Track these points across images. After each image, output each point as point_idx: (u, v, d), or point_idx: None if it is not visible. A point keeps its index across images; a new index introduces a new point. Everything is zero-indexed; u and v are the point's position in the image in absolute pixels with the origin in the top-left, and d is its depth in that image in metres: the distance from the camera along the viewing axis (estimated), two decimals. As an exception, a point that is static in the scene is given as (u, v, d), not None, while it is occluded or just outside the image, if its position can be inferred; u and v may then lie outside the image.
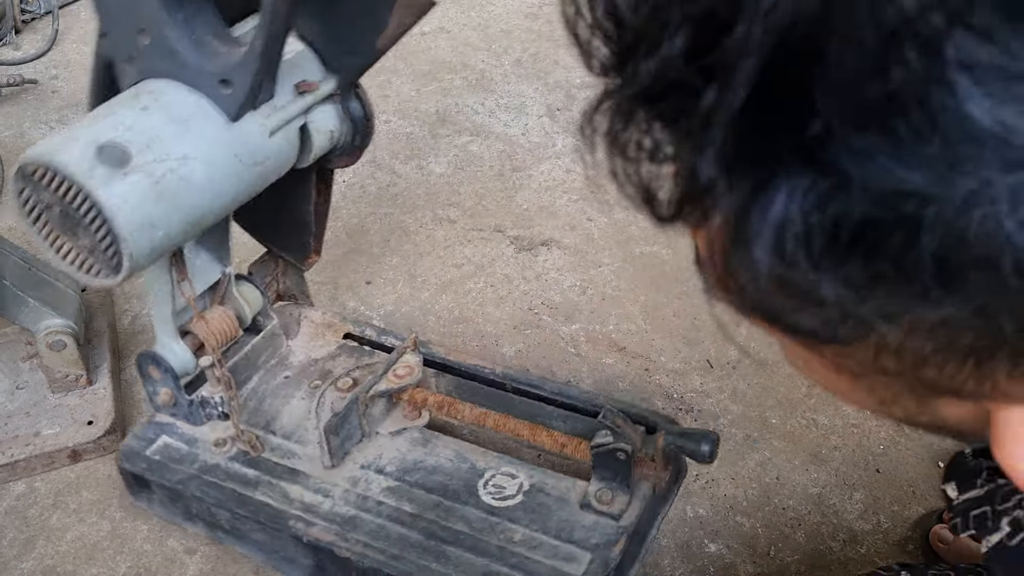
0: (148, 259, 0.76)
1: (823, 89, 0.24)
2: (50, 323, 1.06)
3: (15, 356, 1.17)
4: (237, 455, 0.97)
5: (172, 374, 0.94)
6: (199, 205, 0.77)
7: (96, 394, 1.12)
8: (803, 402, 1.14)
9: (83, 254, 0.74)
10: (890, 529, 1.01)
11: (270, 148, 0.82)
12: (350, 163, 0.95)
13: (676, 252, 1.34)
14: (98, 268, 0.75)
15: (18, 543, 1.02)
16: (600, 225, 1.41)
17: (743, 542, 1.00)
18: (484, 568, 0.85)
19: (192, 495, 0.94)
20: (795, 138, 0.25)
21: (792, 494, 1.04)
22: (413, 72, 1.72)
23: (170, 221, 0.75)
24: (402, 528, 0.89)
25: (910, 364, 0.28)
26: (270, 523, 0.91)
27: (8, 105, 1.67)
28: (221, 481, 0.94)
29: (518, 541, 0.87)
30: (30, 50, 1.81)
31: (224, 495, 0.93)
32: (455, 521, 0.89)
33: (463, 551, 0.86)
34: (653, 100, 0.28)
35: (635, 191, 0.31)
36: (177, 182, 0.74)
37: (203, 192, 0.77)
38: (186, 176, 0.75)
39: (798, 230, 0.25)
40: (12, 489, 1.07)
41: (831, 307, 0.27)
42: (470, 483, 0.93)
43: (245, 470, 0.95)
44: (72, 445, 1.08)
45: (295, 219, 1.03)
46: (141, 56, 0.78)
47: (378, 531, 0.89)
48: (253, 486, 0.94)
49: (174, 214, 0.75)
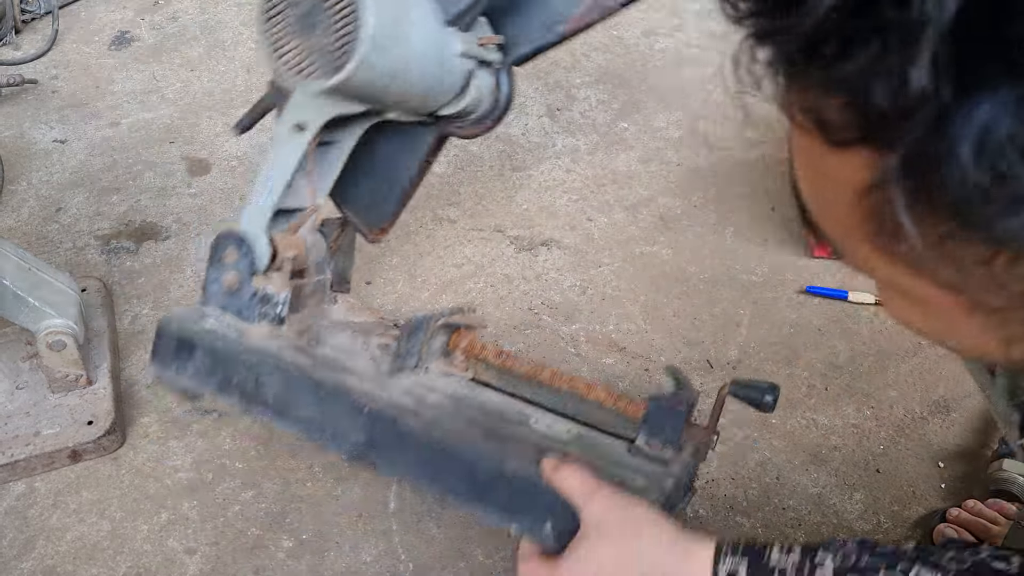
0: (365, 76, 0.78)
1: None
2: (50, 323, 1.06)
3: (15, 356, 1.17)
4: (290, 345, 0.94)
5: (250, 260, 0.91)
6: (411, 65, 0.83)
7: (96, 394, 1.12)
8: (803, 402, 1.13)
9: (305, 55, 0.79)
10: (890, 529, 1.01)
11: (455, 67, 0.88)
12: (473, 135, 0.98)
13: (676, 252, 1.34)
14: (315, 69, 0.79)
15: (18, 543, 1.02)
16: (600, 225, 1.41)
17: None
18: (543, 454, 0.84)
19: (241, 361, 0.90)
20: (999, 48, 0.27)
21: (792, 494, 1.04)
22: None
23: (394, 55, 0.79)
24: (461, 424, 0.88)
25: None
26: (329, 395, 0.87)
27: (8, 105, 1.68)
28: (275, 356, 0.91)
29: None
30: (30, 50, 1.81)
31: (279, 366, 0.90)
32: (512, 429, 0.89)
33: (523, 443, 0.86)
34: (829, 31, 0.30)
35: (807, 118, 0.33)
36: (407, 28, 0.80)
37: (416, 57, 0.82)
38: (409, 33, 0.80)
39: (1007, 132, 0.27)
40: (12, 489, 1.07)
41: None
42: (522, 417, 0.91)
43: (300, 357, 0.92)
44: (72, 445, 1.08)
45: (390, 180, 1.02)
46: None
47: (439, 417, 0.88)
48: (309, 368, 0.90)
49: (398, 50, 0.80)
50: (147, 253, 1.38)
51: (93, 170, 1.53)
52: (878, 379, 1.16)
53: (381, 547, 1.01)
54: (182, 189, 1.49)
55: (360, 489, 1.06)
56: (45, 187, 1.50)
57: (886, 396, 1.14)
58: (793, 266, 1.31)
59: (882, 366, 1.17)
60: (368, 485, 1.07)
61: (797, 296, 1.27)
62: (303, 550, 1.01)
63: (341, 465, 1.09)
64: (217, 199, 1.46)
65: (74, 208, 1.46)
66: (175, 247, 1.38)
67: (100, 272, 1.34)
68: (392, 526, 1.03)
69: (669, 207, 1.40)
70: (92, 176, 1.52)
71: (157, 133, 1.60)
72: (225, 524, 1.04)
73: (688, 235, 1.36)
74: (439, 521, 1.03)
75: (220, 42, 1.83)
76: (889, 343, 1.20)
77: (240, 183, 1.49)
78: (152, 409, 1.16)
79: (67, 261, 1.37)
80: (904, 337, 1.20)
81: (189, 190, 1.48)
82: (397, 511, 1.04)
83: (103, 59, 1.79)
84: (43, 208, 1.46)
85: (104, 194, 1.48)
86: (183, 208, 1.45)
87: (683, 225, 1.38)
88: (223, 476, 1.09)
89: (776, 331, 1.23)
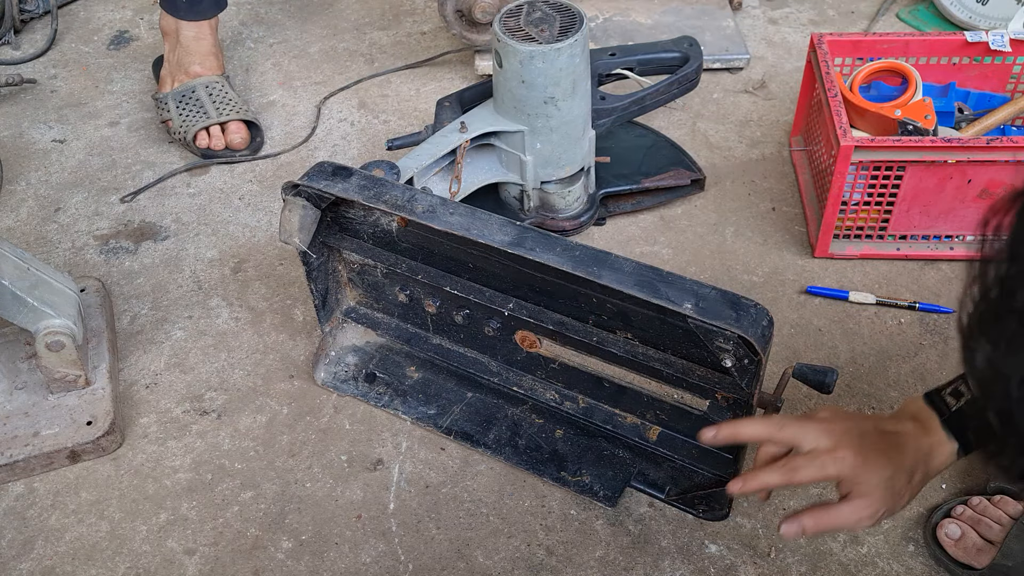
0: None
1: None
2: (49, 323, 1.06)
3: (14, 356, 1.16)
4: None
5: (397, 174, 1.14)
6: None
7: (95, 394, 1.12)
8: (803, 402, 1.13)
9: (543, 30, 1.17)
10: (891, 529, 1.01)
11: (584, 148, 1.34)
12: (563, 230, 1.39)
13: (676, 252, 1.33)
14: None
15: (17, 544, 1.02)
16: (600, 224, 1.40)
17: (743, 543, 1.00)
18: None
19: (397, 186, 1.01)
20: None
21: (792, 494, 1.04)
22: (413, 72, 1.72)
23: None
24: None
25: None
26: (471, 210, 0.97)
27: (7, 105, 1.67)
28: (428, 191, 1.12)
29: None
30: (29, 50, 1.81)
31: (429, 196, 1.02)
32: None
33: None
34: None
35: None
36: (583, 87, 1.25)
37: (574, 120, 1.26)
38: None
39: None
40: (11, 489, 1.07)
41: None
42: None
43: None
44: (71, 445, 1.08)
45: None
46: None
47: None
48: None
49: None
50: (146, 253, 1.37)
51: (92, 170, 1.53)
52: (878, 379, 1.15)
53: (381, 547, 1.01)
54: (181, 189, 1.48)
55: (360, 489, 1.06)
56: (44, 187, 1.50)
57: (887, 396, 1.14)
58: (793, 266, 1.30)
59: (882, 366, 1.17)
60: (368, 485, 1.07)
61: (797, 296, 1.26)
62: (302, 551, 1.01)
63: (341, 465, 1.09)
64: (216, 199, 1.46)
65: (73, 208, 1.46)
66: (174, 247, 1.38)
67: (99, 272, 1.34)
68: (392, 526, 1.03)
69: (669, 207, 1.40)
70: (91, 176, 1.52)
71: (156, 133, 1.60)
72: (224, 524, 1.04)
73: (688, 235, 1.36)
74: (439, 521, 1.03)
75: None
76: (889, 343, 1.20)
77: (239, 182, 1.49)
78: (151, 409, 1.15)
79: (66, 261, 1.36)
80: (904, 337, 1.20)
81: (188, 190, 1.48)
82: (397, 511, 1.04)
83: (102, 58, 1.79)
84: (42, 208, 1.46)
85: (103, 194, 1.48)
86: (182, 208, 1.45)
87: (683, 225, 1.37)
88: (222, 476, 1.08)
89: (776, 331, 1.22)
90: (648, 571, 0.98)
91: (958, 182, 1.21)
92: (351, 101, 1.65)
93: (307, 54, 1.77)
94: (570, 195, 1.32)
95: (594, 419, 1.08)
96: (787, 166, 1.47)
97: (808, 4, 1.84)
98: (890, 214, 1.26)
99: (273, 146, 1.56)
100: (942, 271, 1.29)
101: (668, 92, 1.33)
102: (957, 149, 1.17)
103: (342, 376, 1.17)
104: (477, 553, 1.00)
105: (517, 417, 1.11)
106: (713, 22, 1.73)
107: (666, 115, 1.56)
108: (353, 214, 1.06)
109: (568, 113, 1.21)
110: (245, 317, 1.27)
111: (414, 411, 1.12)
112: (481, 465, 1.08)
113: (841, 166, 1.19)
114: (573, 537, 1.01)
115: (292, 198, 1.03)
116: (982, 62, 1.36)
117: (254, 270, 1.34)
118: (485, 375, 1.13)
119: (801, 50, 1.70)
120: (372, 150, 1.54)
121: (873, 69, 1.34)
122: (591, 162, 1.32)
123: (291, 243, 1.04)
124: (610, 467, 1.05)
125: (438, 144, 1.22)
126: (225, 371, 1.20)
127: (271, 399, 1.16)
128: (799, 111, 1.45)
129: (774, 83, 1.64)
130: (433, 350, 1.15)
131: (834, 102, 1.23)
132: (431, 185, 1.24)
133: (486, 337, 1.10)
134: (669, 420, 1.05)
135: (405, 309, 1.15)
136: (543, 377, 1.11)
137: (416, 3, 1.90)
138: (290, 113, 1.63)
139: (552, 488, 1.06)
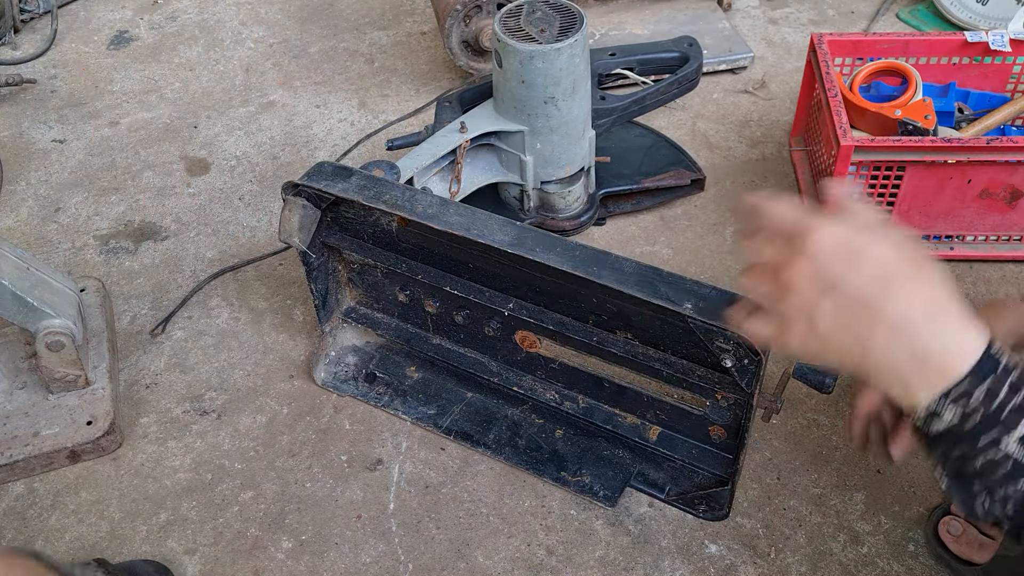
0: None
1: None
2: (48, 323, 1.06)
3: (14, 356, 1.16)
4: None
5: (397, 174, 1.13)
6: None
7: (95, 394, 1.12)
8: (804, 402, 1.13)
9: (543, 30, 1.17)
10: (891, 529, 1.01)
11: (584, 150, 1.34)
12: (562, 230, 1.38)
13: (676, 252, 1.33)
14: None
15: (17, 544, 1.02)
16: (601, 224, 1.40)
17: (744, 543, 1.00)
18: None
19: (397, 187, 1.02)
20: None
21: (793, 494, 1.04)
22: (413, 72, 1.72)
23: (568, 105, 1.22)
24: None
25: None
26: (469, 210, 0.98)
27: (7, 105, 1.67)
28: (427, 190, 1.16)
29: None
30: (29, 50, 1.81)
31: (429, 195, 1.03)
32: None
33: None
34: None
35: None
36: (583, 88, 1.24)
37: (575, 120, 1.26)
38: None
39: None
40: (11, 490, 1.07)
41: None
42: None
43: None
44: (71, 445, 1.08)
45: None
46: None
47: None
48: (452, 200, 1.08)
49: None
50: (146, 253, 1.37)
51: (92, 170, 1.53)
52: (879, 379, 1.15)
53: (381, 547, 1.01)
54: (181, 189, 1.48)
55: (360, 489, 1.06)
56: (44, 187, 1.50)
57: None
58: (793, 266, 1.30)
59: (883, 366, 1.17)
60: (368, 485, 1.07)
61: (797, 296, 1.26)
62: (302, 551, 1.01)
63: (341, 465, 1.09)
64: (216, 198, 1.46)
65: (73, 208, 1.46)
66: (174, 247, 1.38)
67: (99, 272, 1.34)
68: (392, 526, 1.03)
69: (669, 207, 1.40)
70: (91, 176, 1.52)
71: (156, 133, 1.60)
72: (224, 524, 1.04)
73: (688, 235, 1.36)
74: (439, 521, 1.03)
75: (219, 41, 1.83)
76: (890, 343, 1.20)
77: (239, 182, 1.49)
78: (151, 409, 1.15)
79: (66, 261, 1.36)
80: (905, 337, 1.20)
81: (188, 190, 1.48)
82: (397, 511, 1.04)
83: (102, 59, 1.79)
84: (42, 208, 1.46)
85: (103, 194, 1.48)
86: (182, 208, 1.45)
87: (683, 225, 1.37)
88: (222, 476, 1.08)
89: (776, 331, 1.22)
90: (648, 571, 0.98)
91: (958, 182, 1.21)
92: (351, 101, 1.65)
93: (307, 54, 1.77)
94: (570, 195, 1.31)
95: (594, 419, 1.08)
96: (787, 166, 1.47)
97: (808, 4, 1.84)
98: (890, 214, 1.26)
99: (273, 146, 1.56)
100: (942, 271, 1.29)
101: (668, 92, 1.33)
102: (957, 149, 1.17)
103: (342, 376, 1.17)
104: (477, 553, 1.00)
105: (517, 417, 1.11)
106: (709, 25, 1.72)
107: (666, 115, 1.56)
108: (353, 214, 1.06)
109: (568, 113, 1.21)
110: (245, 317, 1.27)
111: (414, 411, 1.12)
112: (481, 465, 1.08)
113: (841, 166, 1.19)
114: (573, 537, 1.01)
115: (292, 198, 1.03)
116: (982, 62, 1.36)
117: (254, 270, 1.34)
118: (485, 375, 1.13)
119: (801, 50, 1.70)
120: (372, 150, 1.54)
121: (873, 69, 1.34)
122: (591, 162, 1.32)
123: (291, 243, 1.04)
124: (610, 467, 1.05)
125: (438, 144, 1.23)
126: (225, 371, 1.20)
127: (271, 399, 1.16)
128: (799, 111, 1.45)
129: (774, 83, 1.64)
130: (433, 350, 1.15)
131: (834, 102, 1.23)
132: (431, 185, 1.24)
133: (486, 337, 1.10)
134: (669, 420, 1.04)
135: (405, 309, 1.15)
136: (543, 377, 1.11)
137: (416, 3, 1.90)
138: (290, 113, 1.63)
139: (552, 488, 1.06)
